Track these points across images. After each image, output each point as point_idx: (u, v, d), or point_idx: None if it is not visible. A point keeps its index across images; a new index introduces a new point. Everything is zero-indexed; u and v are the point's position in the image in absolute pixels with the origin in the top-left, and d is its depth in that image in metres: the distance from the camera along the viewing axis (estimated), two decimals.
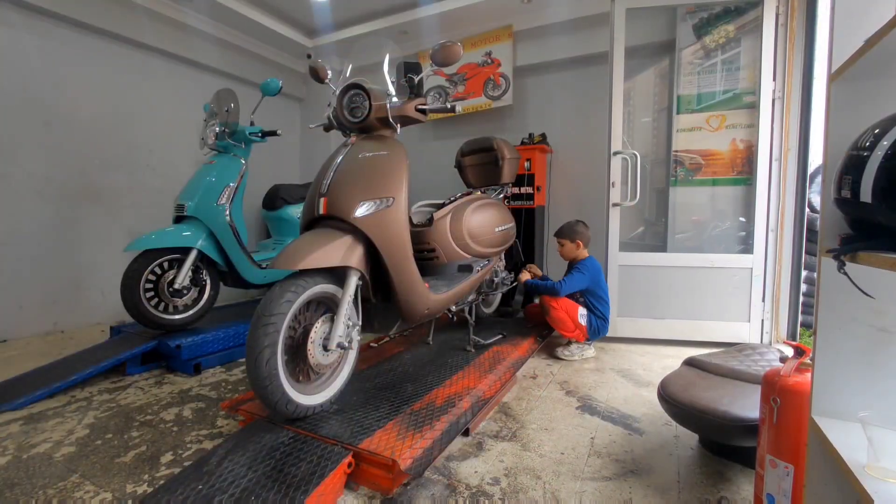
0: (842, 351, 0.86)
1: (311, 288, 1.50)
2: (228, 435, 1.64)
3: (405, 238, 1.71)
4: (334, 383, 1.67)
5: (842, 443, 0.77)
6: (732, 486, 1.36)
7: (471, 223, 2.30)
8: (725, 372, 1.54)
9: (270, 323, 1.38)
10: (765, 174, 2.66)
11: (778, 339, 2.70)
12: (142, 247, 2.29)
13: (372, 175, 1.67)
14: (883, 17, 0.67)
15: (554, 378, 2.24)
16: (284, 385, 1.43)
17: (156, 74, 3.54)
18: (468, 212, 2.30)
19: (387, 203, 1.67)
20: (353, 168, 1.68)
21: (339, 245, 1.55)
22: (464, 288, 2.13)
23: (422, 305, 1.80)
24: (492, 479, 1.40)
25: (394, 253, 1.67)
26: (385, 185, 1.67)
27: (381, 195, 1.66)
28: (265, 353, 1.36)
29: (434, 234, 2.20)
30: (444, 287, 2.00)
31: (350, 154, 1.73)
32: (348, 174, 1.66)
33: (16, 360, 2.44)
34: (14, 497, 1.29)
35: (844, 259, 0.74)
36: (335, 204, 1.60)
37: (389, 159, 1.73)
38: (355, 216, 1.59)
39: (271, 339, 1.38)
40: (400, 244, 1.69)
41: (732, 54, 2.80)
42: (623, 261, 2.82)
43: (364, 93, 1.76)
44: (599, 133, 2.92)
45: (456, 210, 2.28)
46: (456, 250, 2.23)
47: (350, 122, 1.80)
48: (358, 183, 1.64)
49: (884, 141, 0.66)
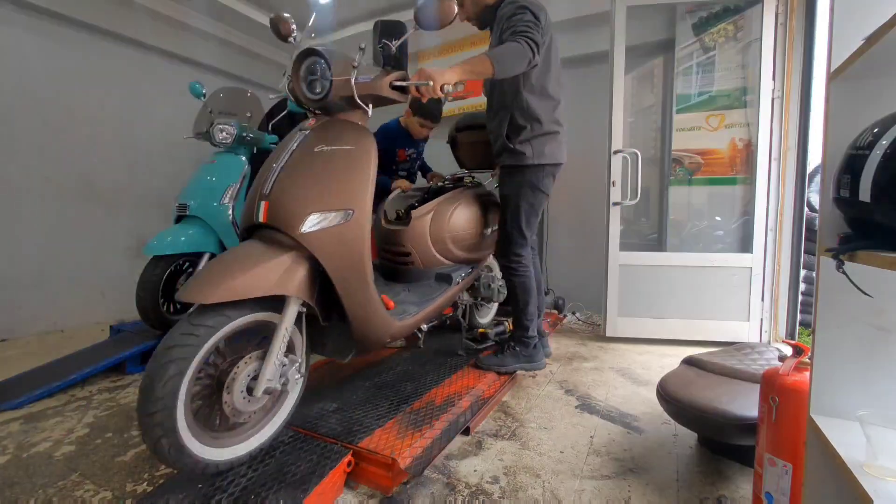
0: (840, 350, 0.86)
1: (233, 322, 1.18)
2: None
3: (364, 261, 1.39)
4: (264, 430, 1.35)
5: (840, 441, 0.77)
6: (731, 484, 1.37)
7: (455, 224, 2.01)
8: (724, 371, 1.54)
9: (168, 370, 1.08)
10: (764, 173, 2.67)
11: (777, 338, 2.70)
12: (162, 251, 2.25)
13: (329, 177, 1.34)
14: (883, 16, 0.67)
15: (553, 377, 2.25)
16: (183, 439, 1.12)
17: (156, 73, 3.54)
18: (454, 210, 2.02)
19: (344, 217, 1.33)
20: (305, 165, 1.33)
21: (273, 267, 1.22)
22: (439, 305, 1.85)
23: (383, 334, 1.52)
24: (491, 477, 1.40)
25: (349, 279, 1.36)
26: (344, 193, 1.34)
27: (338, 206, 1.33)
28: (157, 413, 1.06)
29: (410, 236, 1.93)
30: (412, 307, 1.72)
31: (304, 144, 1.37)
32: (298, 173, 1.32)
33: (15, 360, 2.43)
34: (14, 496, 1.30)
35: (843, 258, 0.74)
36: (277, 212, 1.27)
37: (353, 157, 1.38)
38: (301, 231, 1.26)
39: (169, 390, 1.08)
40: (357, 270, 1.38)
41: (732, 53, 2.80)
42: (623, 260, 2.82)
43: (323, 61, 1.34)
44: (599, 132, 2.92)
45: (439, 208, 2.00)
46: (435, 256, 1.96)
47: (307, 98, 1.40)
48: (309, 186, 1.31)
49: (883, 140, 0.66)
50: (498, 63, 1.55)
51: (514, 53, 1.59)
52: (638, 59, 3.23)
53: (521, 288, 2.04)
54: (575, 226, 3.67)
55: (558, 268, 3.63)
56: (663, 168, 3.16)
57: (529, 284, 2.05)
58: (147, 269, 2.26)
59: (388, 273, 2.05)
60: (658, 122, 3.29)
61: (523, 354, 2.08)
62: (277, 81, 3.29)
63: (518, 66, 1.63)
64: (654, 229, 3.30)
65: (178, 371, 1.10)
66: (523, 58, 1.61)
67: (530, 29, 1.64)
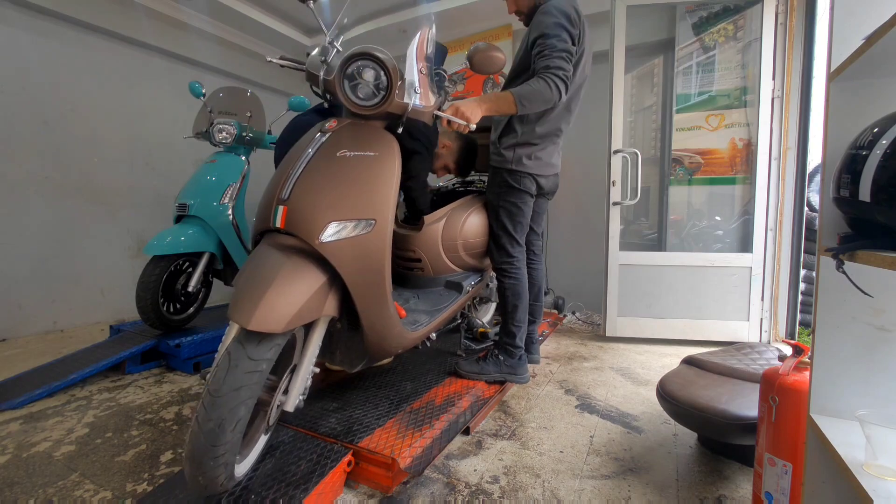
0: (840, 349, 0.86)
1: (280, 348, 1.15)
2: None
3: (384, 274, 1.33)
4: (262, 437, 1.34)
5: (840, 441, 0.77)
6: (731, 484, 1.37)
7: (468, 231, 1.95)
8: (724, 370, 1.55)
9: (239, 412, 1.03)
10: (764, 173, 2.67)
11: (777, 337, 2.70)
12: (162, 251, 2.25)
13: (351, 185, 1.27)
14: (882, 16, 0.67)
15: (553, 377, 2.25)
16: (236, 469, 1.14)
17: (156, 73, 3.53)
18: (466, 217, 1.96)
19: (366, 227, 1.27)
20: (326, 170, 1.28)
21: (312, 289, 1.18)
22: (449, 314, 1.81)
23: (395, 345, 1.50)
24: (491, 477, 1.40)
25: (367, 292, 1.31)
26: (366, 202, 1.28)
27: (359, 216, 1.26)
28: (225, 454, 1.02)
29: (422, 242, 1.87)
30: (424, 316, 1.69)
31: (326, 147, 1.31)
32: (319, 178, 1.26)
33: (15, 359, 2.43)
34: (14, 495, 1.30)
35: (843, 258, 0.74)
36: (297, 218, 1.21)
37: (378, 164, 1.32)
38: (321, 240, 1.20)
39: (239, 431, 1.04)
40: (376, 283, 1.32)
41: (732, 53, 2.80)
42: (623, 260, 2.82)
43: (384, 71, 1.29)
44: (599, 131, 2.92)
45: (452, 214, 1.94)
46: (445, 263, 1.92)
47: (354, 103, 1.34)
48: (330, 193, 1.25)
49: (883, 140, 0.66)
50: (521, 104, 1.59)
51: (539, 97, 1.60)
52: (638, 58, 3.23)
53: (510, 291, 1.94)
54: (575, 226, 3.68)
55: (558, 268, 3.64)
56: (663, 168, 3.16)
57: (520, 288, 1.95)
58: (147, 268, 2.26)
59: (397, 277, 1.98)
60: (658, 121, 3.29)
61: (507, 364, 1.95)
62: (278, 81, 3.25)
63: (541, 107, 1.65)
64: (654, 229, 3.30)
65: (248, 410, 1.06)
66: (549, 101, 1.62)
67: (563, 63, 1.61)
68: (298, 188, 1.25)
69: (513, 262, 1.95)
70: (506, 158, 1.88)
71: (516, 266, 1.96)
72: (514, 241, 1.94)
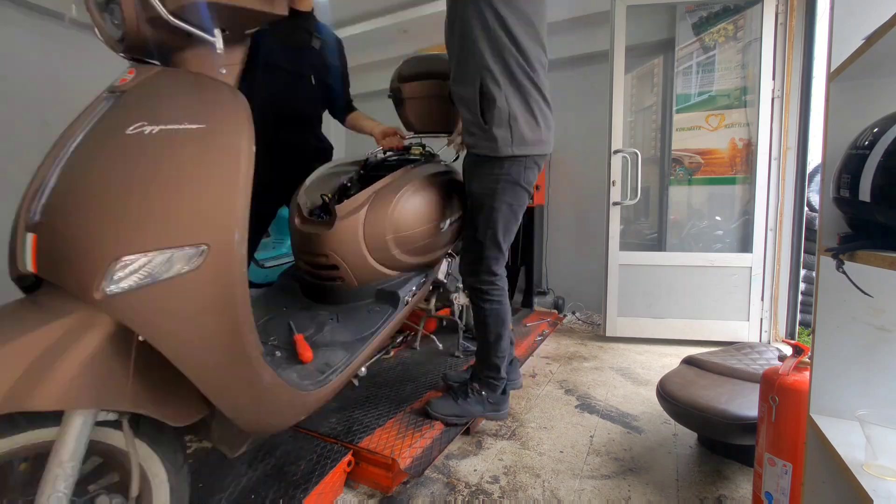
0: (840, 349, 0.86)
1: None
2: None
3: (239, 330, 0.84)
4: None
5: (840, 441, 0.77)
6: (731, 484, 1.37)
7: (401, 220, 1.44)
8: (724, 370, 1.55)
9: None
10: (764, 173, 2.67)
11: (777, 337, 2.70)
12: None
13: (157, 185, 0.77)
14: (882, 16, 0.67)
15: (553, 377, 2.25)
16: None
17: None
18: (398, 199, 1.44)
19: (191, 259, 0.77)
20: (108, 161, 0.78)
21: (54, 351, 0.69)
22: (380, 341, 1.36)
23: (287, 417, 1.03)
24: (491, 477, 1.40)
25: (207, 361, 0.81)
26: (188, 215, 0.78)
27: (176, 241, 0.76)
28: None
29: (336, 242, 1.35)
30: (340, 354, 1.20)
31: (110, 120, 0.82)
32: (95, 177, 0.77)
33: None
34: None
35: (843, 258, 0.74)
36: (55, 255, 0.74)
37: (204, 144, 0.82)
38: (104, 292, 0.71)
39: None
40: (225, 346, 0.83)
41: (732, 53, 2.80)
42: (623, 260, 2.82)
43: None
44: (599, 131, 2.92)
45: (377, 198, 1.42)
46: (373, 267, 1.42)
47: (105, 33, 0.87)
48: (116, 203, 0.75)
49: (883, 140, 0.66)
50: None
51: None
52: (638, 58, 3.23)
53: (492, 318, 1.55)
54: (575, 226, 3.68)
55: (558, 268, 3.63)
56: (663, 168, 3.16)
57: (503, 314, 1.57)
58: None
59: (310, 291, 1.52)
60: (658, 121, 3.29)
61: (489, 401, 1.60)
62: None
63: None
64: (654, 229, 3.30)
65: None
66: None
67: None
68: (57, 199, 0.76)
69: (495, 282, 1.55)
70: (500, 141, 1.39)
71: (498, 286, 1.56)
72: (501, 256, 1.54)
